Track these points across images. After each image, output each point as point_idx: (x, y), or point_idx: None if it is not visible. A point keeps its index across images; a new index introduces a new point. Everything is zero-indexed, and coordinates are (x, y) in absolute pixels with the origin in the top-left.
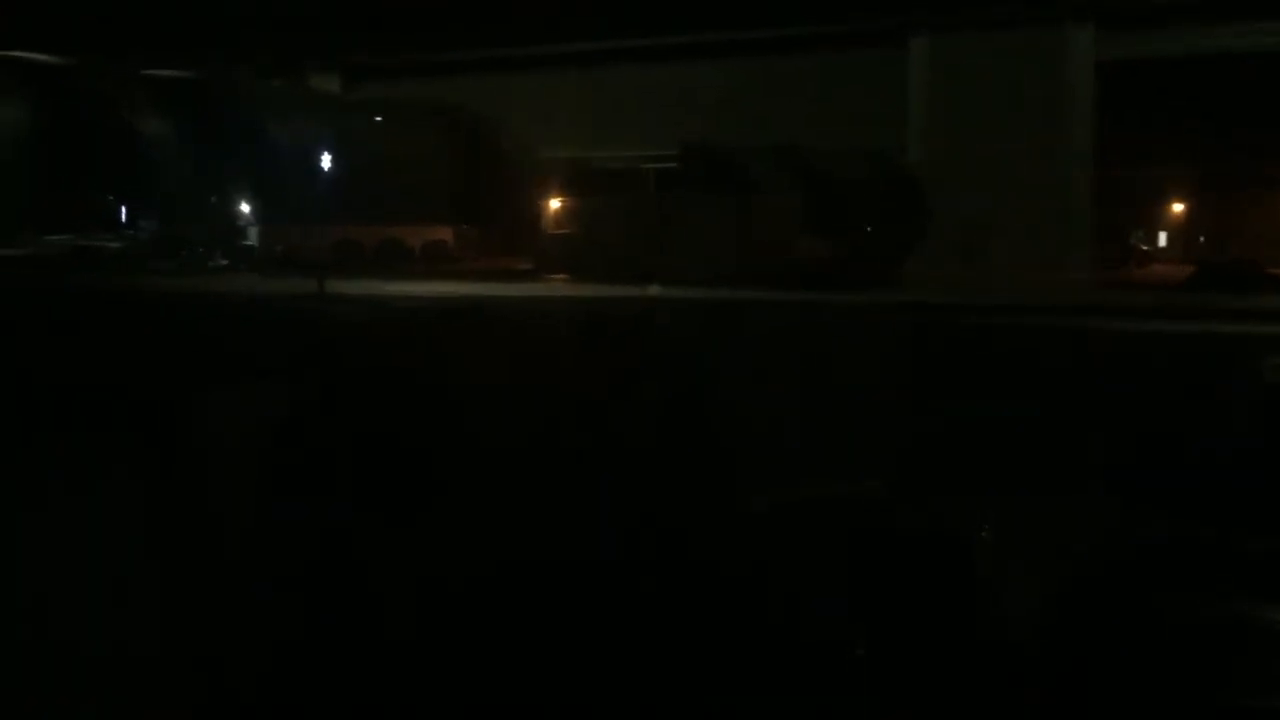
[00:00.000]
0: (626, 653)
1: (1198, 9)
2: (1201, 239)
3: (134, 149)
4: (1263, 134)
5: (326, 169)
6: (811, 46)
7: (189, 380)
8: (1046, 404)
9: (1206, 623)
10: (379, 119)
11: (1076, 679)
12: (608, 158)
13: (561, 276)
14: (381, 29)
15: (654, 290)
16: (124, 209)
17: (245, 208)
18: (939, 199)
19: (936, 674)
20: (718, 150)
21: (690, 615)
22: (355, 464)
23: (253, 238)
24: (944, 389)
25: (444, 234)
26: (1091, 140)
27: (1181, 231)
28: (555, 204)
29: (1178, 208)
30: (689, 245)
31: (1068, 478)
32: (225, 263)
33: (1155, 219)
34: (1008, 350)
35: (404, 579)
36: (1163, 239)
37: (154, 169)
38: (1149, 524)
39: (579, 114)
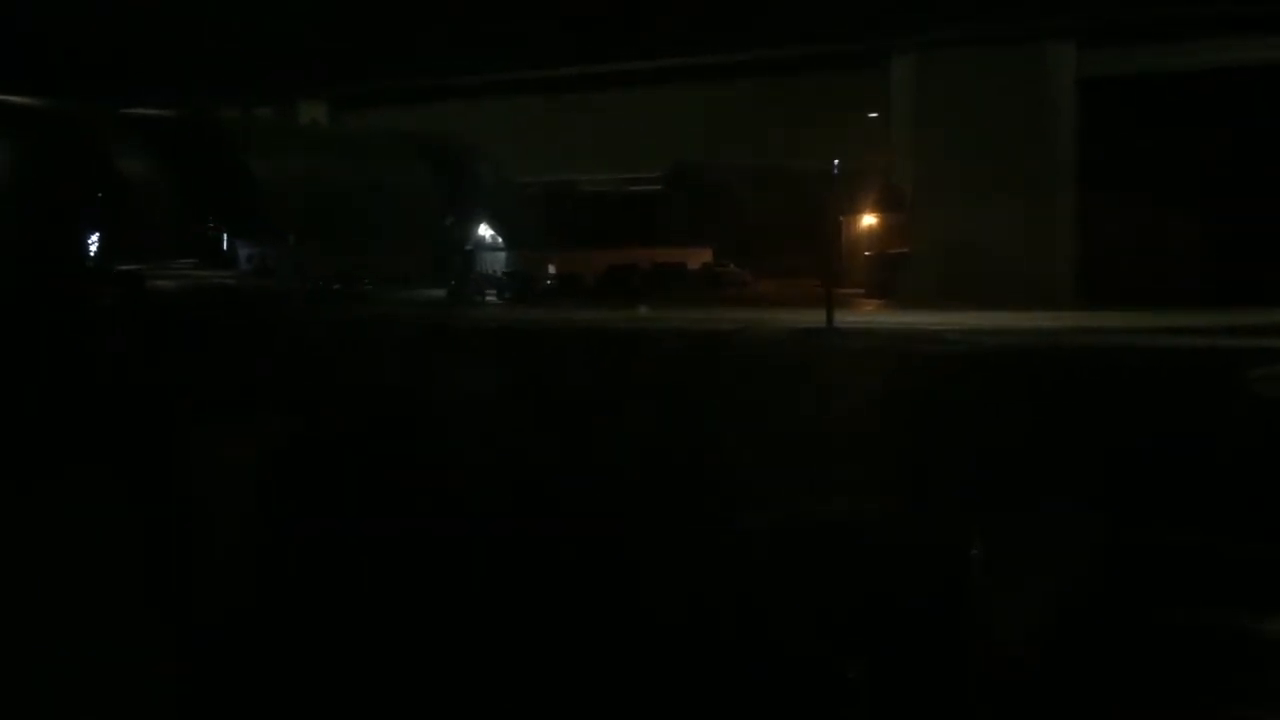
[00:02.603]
0: (624, 666)
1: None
2: None
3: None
4: None
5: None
6: (796, 69)
7: None
8: None
9: (1199, 633)
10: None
11: (1071, 691)
12: (593, 181)
13: (876, 299)
14: (370, 58)
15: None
16: (225, 239)
17: (486, 233)
18: (923, 215)
19: (931, 690)
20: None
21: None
22: None
23: (488, 266)
24: None
25: (706, 256)
26: (1074, 156)
27: None
28: (869, 220)
29: None
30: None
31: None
32: (491, 294)
33: None
34: None
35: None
36: None
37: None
38: (1141, 536)
39: (564, 138)
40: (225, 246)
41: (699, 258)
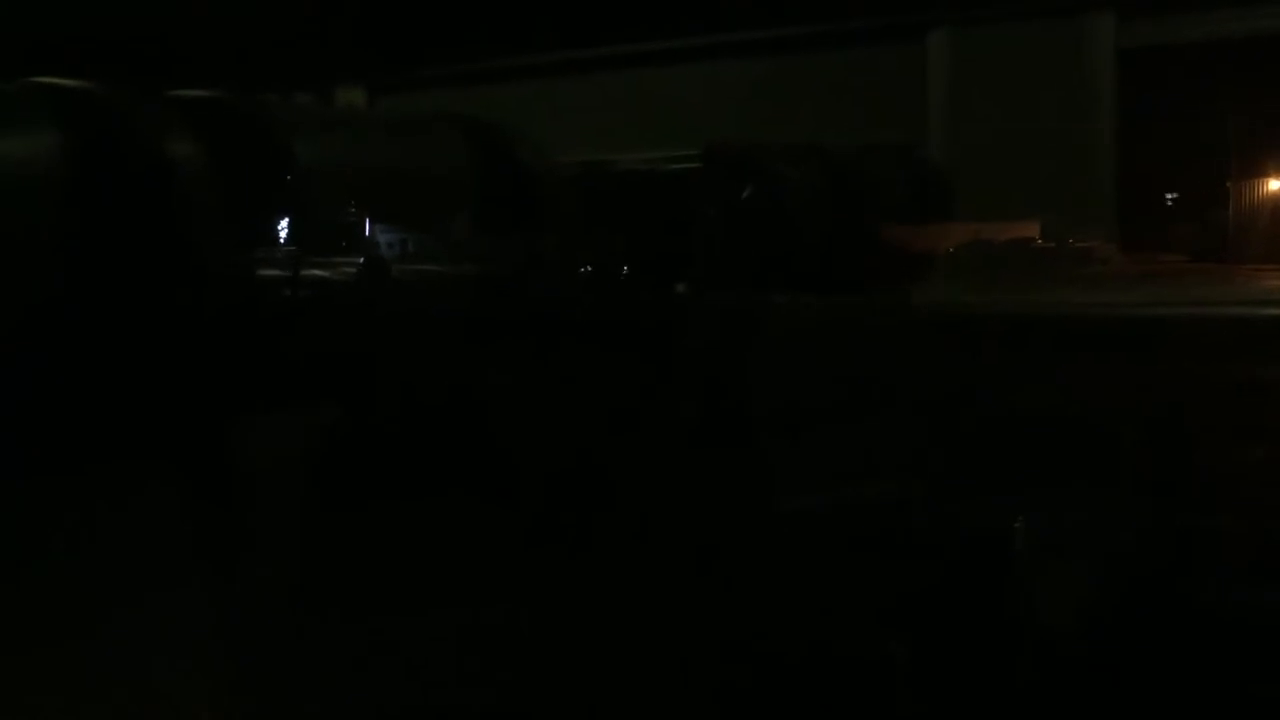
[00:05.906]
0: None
1: None
2: None
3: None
4: None
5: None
6: (830, 43)
7: None
8: None
9: (1244, 614)
10: None
11: (1114, 674)
12: (628, 160)
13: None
14: (405, 40)
15: None
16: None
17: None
18: (960, 192)
19: (973, 674)
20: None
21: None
22: None
23: None
24: None
25: (1033, 230)
26: (1114, 129)
27: None
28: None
29: None
30: None
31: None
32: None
33: None
34: None
35: None
36: None
37: None
38: (1184, 516)
39: (597, 117)
40: (367, 232)
41: (1030, 231)
